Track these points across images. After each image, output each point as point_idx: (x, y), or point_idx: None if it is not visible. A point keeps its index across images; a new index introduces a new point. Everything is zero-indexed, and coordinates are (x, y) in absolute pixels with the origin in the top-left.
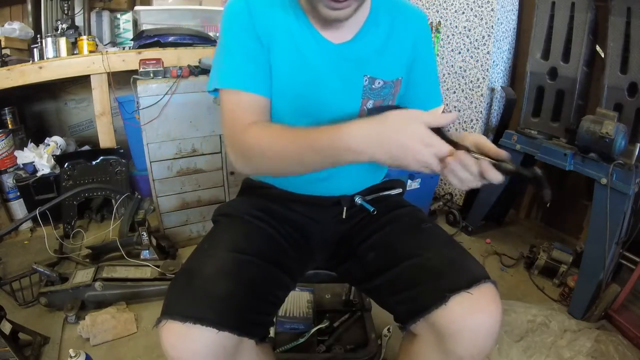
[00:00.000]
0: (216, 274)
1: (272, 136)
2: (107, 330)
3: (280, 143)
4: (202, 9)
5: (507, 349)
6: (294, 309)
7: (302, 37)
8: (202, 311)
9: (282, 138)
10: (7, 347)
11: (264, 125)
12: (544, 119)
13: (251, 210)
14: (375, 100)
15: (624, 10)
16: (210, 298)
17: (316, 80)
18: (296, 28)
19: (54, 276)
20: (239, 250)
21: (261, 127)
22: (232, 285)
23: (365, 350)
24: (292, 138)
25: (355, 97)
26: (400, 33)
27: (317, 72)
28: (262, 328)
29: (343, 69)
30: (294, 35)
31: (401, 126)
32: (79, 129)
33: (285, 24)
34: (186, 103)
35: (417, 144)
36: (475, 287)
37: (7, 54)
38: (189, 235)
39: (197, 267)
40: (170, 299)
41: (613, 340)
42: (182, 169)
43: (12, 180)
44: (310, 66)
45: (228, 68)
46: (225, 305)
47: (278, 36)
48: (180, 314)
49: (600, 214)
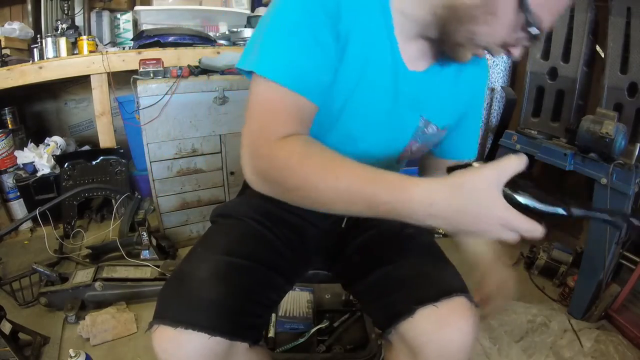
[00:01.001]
0: (208, 278)
1: (317, 166)
2: (107, 330)
3: (327, 181)
4: (202, 9)
5: (507, 349)
6: (294, 309)
7: (378, 49)
8: (193, 316)
9: (331, 173)
10: (7, 347)
11: (305, 144)
12: (544, 119)
13: (248, 211)
14: (421, 144)
15: (624, 10)
16: (201, 302)
17: (371, 102)
18: (378, 36)
19: (54, 276)
20: (232, 253)
21: (301, 146)
22: (224, 289)
23: (365, 350)
24: (345, 180)
25: (405, 136)
26: (466, 79)
27: (376, 93)
28: (255, 331)
29: (403, 101)
30: (372, 44)
31: (481, 203)
32: (79, 129)
33: (370, 27)
34: (186, 103)
35: (496, 227)
36: (444, 301)
37: (7, 54)
38: (189, 235)
39: (189, 270)
40: (162, 303)
41: (613, 340)
42: (182, 169)
43: (12, 180)
44: (370, 85)
45: (279, 50)
46: (217, 310)
47: (358, 39)
48: (171, 318)
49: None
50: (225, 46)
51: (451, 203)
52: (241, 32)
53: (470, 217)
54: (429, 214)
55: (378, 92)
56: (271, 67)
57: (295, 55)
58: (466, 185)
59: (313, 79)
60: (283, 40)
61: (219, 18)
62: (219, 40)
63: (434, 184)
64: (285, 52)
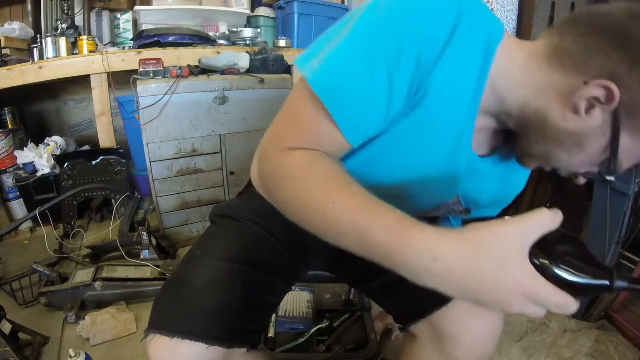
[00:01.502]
0: (206, 285)
1: (317, 183)
2: (107, 330)
3: (321, 201)
4: (202, 9)
5: (507, 349)
6: (294, 309)
7: (451, 122)
8: (191, 325)
9: (327, 194)
10: (7, 347)
11: (316, 159)
12: None
13: (249, 213)
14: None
15: None
16: (199, 310)
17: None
18: (461, 99)
19: (54, 276)
20: (231, 259)
21: (311, 159)
22: (222, 296)
23: (365, 350)
24: (340, 205)
25: (430, 202)
26: (514, 181)
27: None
28: (253, 336)
29: (449, 174)
30: (451, 104)
31: (501, 267)
32: (79, 129)
33: (458, 87)
34: (186, 103)
35: (518, 298)
36: None
37: (7, 54)
38: (189, 235)
39: (187, 276)
40: (159, 310)
41: (613, 340)
42: (182, 169)
43: (12, 180)
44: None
45: (345, 73)
46: (215, 318)
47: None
48: (168, 328)
49: (600, 214)
50: (225, 46)
51: (461, 262)
52: (241, 32)
53: (484, 283)
54: (430, 271)
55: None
56: (326, 86)
57: (350, 76)
58: (484, 241)
59: (363, 120)
60: (357, 63)
61: (218, 18)
62: (218, 40)
63: (444, 233)
64: (350, 79)
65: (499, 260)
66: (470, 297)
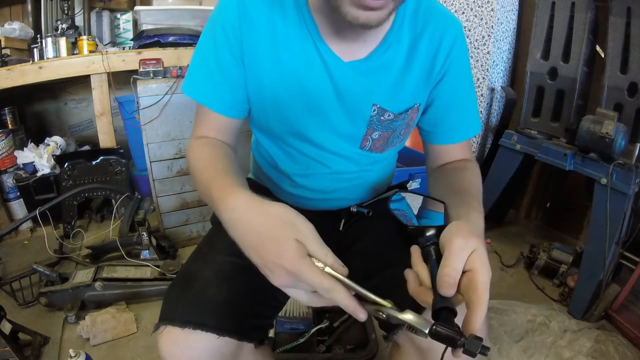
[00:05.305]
0: (216, 279)
1: (196, 161)
2: (107, 330)
3: (196, 173)
4: (202, 9)
5: (507, 349)
6: (294, 309)
7: (302, 50)
8: (202, 316)
9: (200, 168)
10: (7, 347)
11: (206, 144)
12: (544, 119)
13: None
14: (383, 131)
15: (624, 10)
16: (209, 303)
17: (312, 105)
18: (297, 37)
19: (54, 276)
20: (238, 254)
21: (200, 146)
22: (231, 289)
23: (365, 350)
24: (206, 174)
25: (360, 126)
26: (426, 49)
27: (314, 96)
28: (261, 332)
29: (348, 94)
30: (293, 46)
31: (279, 234)
32: (79, 129)
33: (284, 33)
34: (186, 103)
35: (280, 268)
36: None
37: (7, 54)
38: (189, 235)
39: (196, 271)
40: (169, 303)
41: (613, 340)
42: (182, 169)
43: (12, 180)
44: (305, 88)
45: (193, 75)
46: (226, 310)
47: (271, 46)
48: (179, 319)
49: (600, 214)
50: None
51: (247, 216)
52: None
53: (262, 243)
54: (228, 219)
55: (313, 90)
56: (188, 87)
57: (201, 77)
58: (274, 207)
59: (218, 94)
60: (195, 64)
61: None
62: None
63: (251, 196)
64: (196, 75)
65: (279, 227)
66: (253, 253)
